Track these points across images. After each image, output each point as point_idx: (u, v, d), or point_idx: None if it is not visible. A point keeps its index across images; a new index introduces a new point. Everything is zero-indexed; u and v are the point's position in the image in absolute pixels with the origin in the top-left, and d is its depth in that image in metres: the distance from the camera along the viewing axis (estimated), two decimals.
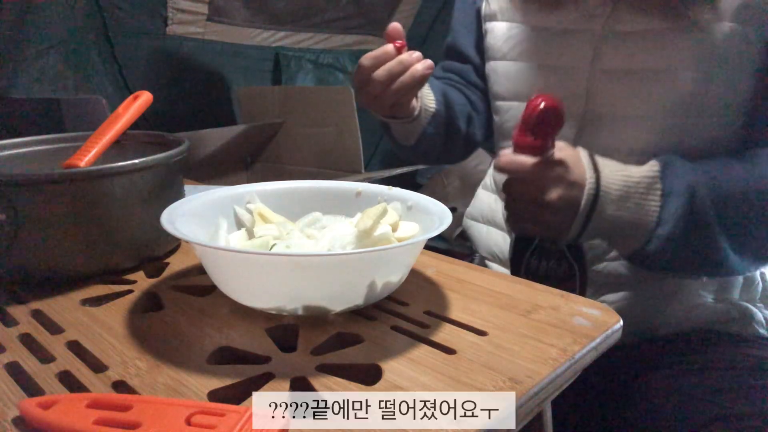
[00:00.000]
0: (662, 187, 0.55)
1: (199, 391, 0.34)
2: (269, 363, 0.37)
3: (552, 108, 0.53)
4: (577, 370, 0.38)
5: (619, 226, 0.56)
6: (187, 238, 0.39)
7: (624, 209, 0.55)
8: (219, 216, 0.49)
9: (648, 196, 0.55)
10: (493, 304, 0.45)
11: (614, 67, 0.62)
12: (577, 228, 0.56)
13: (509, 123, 0.74)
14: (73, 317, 0.43)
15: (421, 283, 0.49)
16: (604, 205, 0.55)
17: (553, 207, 0.55)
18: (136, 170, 0.50)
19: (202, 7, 1.81)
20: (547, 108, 0.53)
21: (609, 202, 0.55)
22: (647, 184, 0.55)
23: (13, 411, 0.32)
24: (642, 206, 0.55)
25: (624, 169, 0.57)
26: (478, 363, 0.36)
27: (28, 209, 0.46)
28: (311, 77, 2.25)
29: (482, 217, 0.82)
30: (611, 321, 0.42)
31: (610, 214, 0.55)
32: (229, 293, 0.43)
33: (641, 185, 0.55)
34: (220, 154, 1.76)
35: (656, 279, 0.65)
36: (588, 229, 0.56)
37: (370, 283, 0.40)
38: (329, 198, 0.54)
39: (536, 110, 0.53)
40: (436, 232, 0.41)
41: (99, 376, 0.35)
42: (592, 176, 0.56)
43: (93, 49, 1.62)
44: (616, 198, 0.55)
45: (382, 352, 0.38)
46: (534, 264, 0.61)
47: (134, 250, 0.52)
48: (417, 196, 0.50)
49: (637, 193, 0.55)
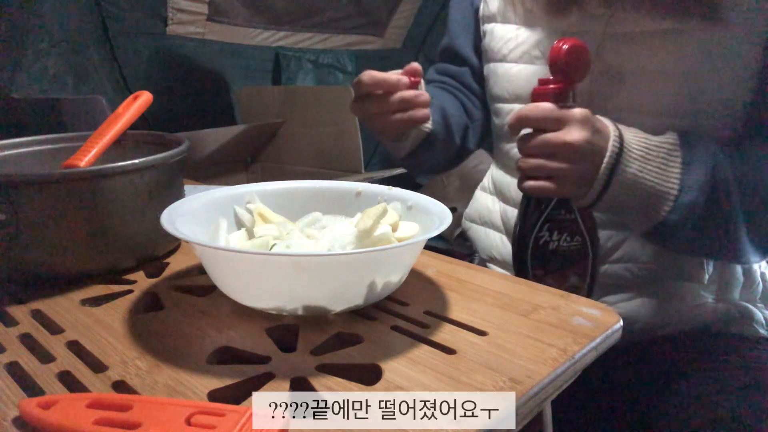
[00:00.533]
0: (682, 155, 0.54)
1: (199, 391, 0.34)
2: (269, 363, 0.37)
3: (578, 47, 0.52)
4: (577, 370, 0.38)
5: (639, 193, 0.54)
6: (187, 238, 0.39)
7: (646, 171, 0.53)
8: (219, 216, 0.49)
9: (669, 162, 0.54)
10: (493, 304, 0.45)
11: (616, 69, 0.62)
12: (599, 184, 0.53)
13: None
14: (73, 317, 0.43)
15: (421, 283, 0.49)
16: (628, 162, 0.53)
17: (577, 150, 0.52)
18: (136, 170, 0.50)
19: (202, 7, 1.81)
20: (572, 48, 0.52)
21: (632, 159, 0.53)
22: (667, 150, 0.54)
23: (13, 411, 0.32)
24: (663, 171, 0.53)
25: (641, 132, 0.55)
26: (478, 363, 0.36)
27: (28, 209, 0.46)
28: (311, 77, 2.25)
29: (480, 219, 0.82)
30: (611, 321, 0.42)
31: (632, 173, 0.53)
32: (229, 293, 0.43)
33: (662, 149, 0.54)
34: (220, 154, 1.76)
35: (657, 281, 0.65)
36: (610, 188, 0.53)
37: (370, 283, 0.40)
38: (329, 198, 0.54)
39: (562, 51, 0.52)
40: (436, 232, 0.41)
41: (99, 376, 0.35)
42: (615, 130, 0.54)
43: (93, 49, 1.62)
44: (638, 157, 0.53)
45: (382, 352, 0.38)
46: (544, 236, 0.56)
47: (134, 250, 0.52)
48: (417, 196, 0.50)
49: (658, 157, 0.54)
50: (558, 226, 0.56)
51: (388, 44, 2.52)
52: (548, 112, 0.53)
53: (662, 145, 0.54)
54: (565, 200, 0.56)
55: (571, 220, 0.56)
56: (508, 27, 0.72)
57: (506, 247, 0.75)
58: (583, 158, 0.52)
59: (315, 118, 1.81)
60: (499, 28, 0.74)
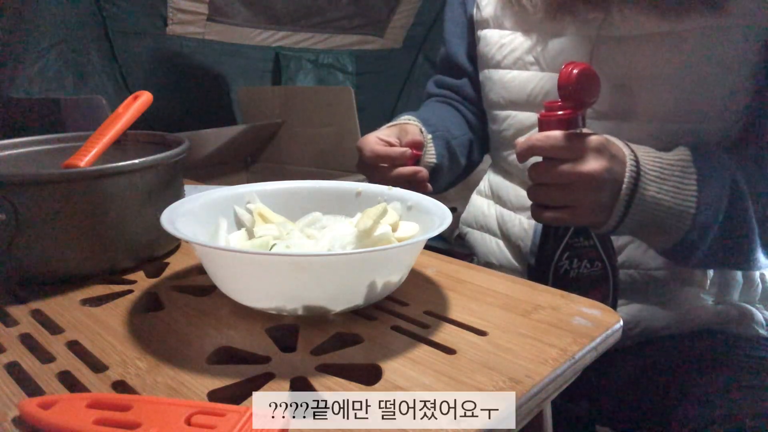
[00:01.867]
0: (696, 172, 0.53)
1: (199, 391, 0.34)
2: (269, 363, 0.37)
3: (587, 71, 0.50)
4: (577, 370, 0.38)
5: (659, 214, 0.53)
6: (187, 238, 0.39)
7: (664, 192, 0.52)
8: (219, 216, 0.49)
9: (684, 181, 0.53)
10: (493, 304, 0.45)
11: (610, 72, 0.62)
12: (619, 210, 0.52)
13: (507, 131, 0.73)
14: (73, 317, 0.43)
15: (421, 283, 0.49)
16: (646, 184, 0.52)
17: (596, 180, 0.50)
18: (136, 170, 0.50)
19: (202, 7, 1.81)
20: (582, 72, 0.50)
21: (650, 181, 0.52)
22: (681, 168, 0.53)
23: (13, 411, 0.32)
24: (680, 190, 0.53)
25: (654, 152, 0.55)
26: (478, 363, 0.36)
27: (28, 209, 0.46)
28: (311, 77, 2.25)
29: (476, 223, 0.82)
30: (611, 321, 0.42)
31: (652, 195, 0.52)
32: (229, 293, 0.43)
33: (676, 168, 0.53)
34: (220, 154, 1.76)
35: (658, 286, 0.65)
36: (630, 213, 0.52)
37: (370, 283, 0.40)
38: (329, 198, 0.54)
39: (572, 76, 0.49)
40: (436, 232, 0.41)
41: (99, 376, 0.35)
42: (631, 154, 0.52)
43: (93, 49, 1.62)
44: (655, 178, 0.52)
45: (382, 352, 0.38)
46: (564, 265, 0.55)
47: (134, 250, 0.52)
48: (417, 196, 0.50)
49: (673, 176, 0.53)
50: (578, 254, 0.55)
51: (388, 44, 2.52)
52: (561, 142, 0.51)
53: (676, 163, 0.53)
54: (583, 228, 0.55)
55: (590, 246, 0.55)
56: (501, 33, 0.72)
57: (503, 252, 0.75)
58: (601, 187, 0.51)
59: (315, 118, 1.81)
60: (492, 34, 0.73)
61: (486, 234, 0.79)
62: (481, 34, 0.75)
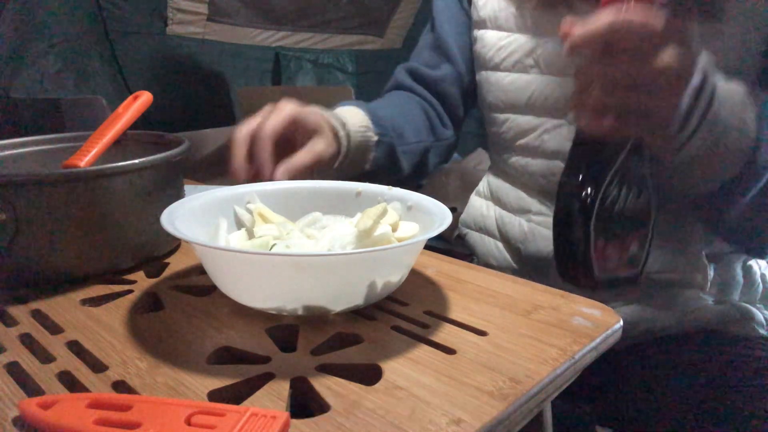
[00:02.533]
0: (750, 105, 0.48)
1: (199, 391, 0.34)
2: (269, 363, 0.37)
3: None
4: (577, 370, 0.38)
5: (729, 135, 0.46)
6: (187, 238, 0.39)
7: (728, 113, 0.46)
8: (219, 216, 0.49)
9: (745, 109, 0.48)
10: (493, 304, 0.45)
11: None
12: (697, 117, 0.44)
13: (507, 134, 0.72)
14: (73, 317, 0.43)
15: (421, 283, 0.49)
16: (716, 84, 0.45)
17: (685, 80, 0.42)
18: (136, 170, 0.50)
19: (202, 7, 1.81)
20: None
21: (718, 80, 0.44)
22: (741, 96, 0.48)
23: (13, 411, 0.32)
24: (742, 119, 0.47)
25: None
26: (478, 363, 0.36)
27: (28, 209, 0.46)
28: (311, 77, 2.25)
29: (475, 225, 0.81)
30: (611, 321, 0.42)
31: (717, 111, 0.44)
32: (229, 293, 0.43)
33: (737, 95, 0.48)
34: (220, 154, 1.76)
35: (659, 288, 0.64)
36: (702, 127, 0.44)
37: (370, 283, 0.40)
38: (329, 198, 0.54)
39: None
40: (436, 232, 0.41)
41: (99, 376, 0.35)
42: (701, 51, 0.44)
43: (93, 49, 1.62)
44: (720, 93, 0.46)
45: (382, 352, 0.38)
46: (612, 196, 0.45)
47: (134, 250, 0.52)
48: (417, 196, 0.50)
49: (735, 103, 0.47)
50: (627, 180, 0.46)
51: (388, 44, 2.52)
52: (653, 25, 0.40)
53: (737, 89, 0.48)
54: (639, 147, 0.46)
55: (643, 173, 0.46)
56: (500, 34, 0.71)
57: (502, 254, 0.75)
58: (683, 90, 0.42)
59: None
60: (490, 35, 0.72)
61: (485, 235, 0.78)
62: (478, 34, 0.74)
